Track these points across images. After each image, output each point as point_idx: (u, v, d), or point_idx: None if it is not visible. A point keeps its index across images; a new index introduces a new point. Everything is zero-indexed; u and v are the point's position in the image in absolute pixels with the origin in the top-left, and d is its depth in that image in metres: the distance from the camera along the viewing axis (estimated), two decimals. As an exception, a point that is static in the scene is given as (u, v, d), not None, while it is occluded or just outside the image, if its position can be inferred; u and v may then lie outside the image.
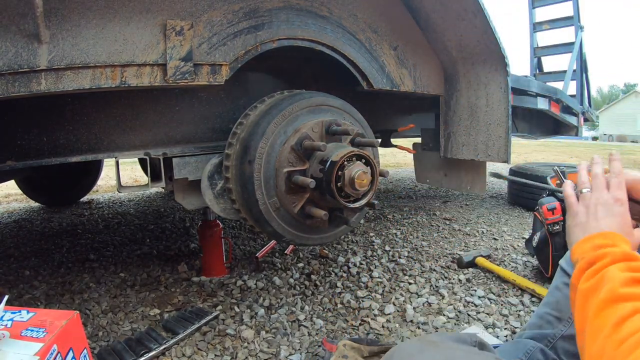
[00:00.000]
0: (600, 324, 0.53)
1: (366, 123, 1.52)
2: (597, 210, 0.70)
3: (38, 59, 0.96)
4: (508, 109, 1.74)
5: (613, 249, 0.62)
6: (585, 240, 0.67)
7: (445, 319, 1.57)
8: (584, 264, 0.62)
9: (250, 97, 1.57)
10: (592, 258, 0.62)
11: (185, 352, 1.35)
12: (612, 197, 0.70)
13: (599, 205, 0.70)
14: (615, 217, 0.68)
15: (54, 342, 0.82)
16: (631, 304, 0.52)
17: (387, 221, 3.03)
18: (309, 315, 1.60)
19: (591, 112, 4.57)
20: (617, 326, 0.51)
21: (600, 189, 0.72)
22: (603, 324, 0.53)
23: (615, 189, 0.71)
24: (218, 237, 1.95)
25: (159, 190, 4.20)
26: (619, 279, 0.56)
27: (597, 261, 0.61)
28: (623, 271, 0.57)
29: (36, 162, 1.23)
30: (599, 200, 0.70)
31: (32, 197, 3.87)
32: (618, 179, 0.72)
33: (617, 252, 0.61)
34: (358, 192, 1.22)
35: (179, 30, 1.14)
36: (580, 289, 0.60)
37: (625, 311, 0.52)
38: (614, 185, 0.72)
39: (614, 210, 0.69)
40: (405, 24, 1.73)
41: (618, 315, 0.52)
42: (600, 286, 0.57)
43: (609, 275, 0.57)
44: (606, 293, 0.55)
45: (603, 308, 0.54)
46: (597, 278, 0.58)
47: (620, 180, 0.72)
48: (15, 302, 1.69)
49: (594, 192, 0.72)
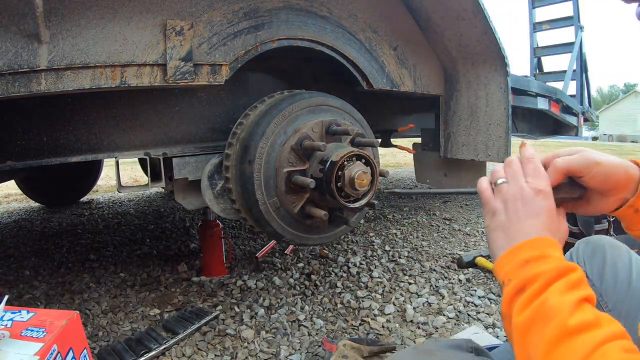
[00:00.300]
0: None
1: (366, 123, 1.52)
2: (517, 207, 0.59)
3: (38, 59, 0.96)
4: (508, 109, 1.74)
5: (544, 266, 0.51)
6: (508, 254, 0.56)
7: (445, 319, 1.57)
8: (512, 289, 0.52)
9: (250, 97, 1.57)
10: (521, 282, 0.51)
11: (185, 352, 1.35)
12: (532, 190, 0.59)
13: (519, 201, 0.59)
14: (539, 215, 0.58)
15: (54, 342, 0.82)
16: (589, 337, 0.44)
17: (387, 221, 3.03)
18: (309, 315, 1.60)
19: (591, 112, 4.57)
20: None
21: (516, 178, 0.61)
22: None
23: (533, 178, 0.60)
24: (218, 237, 1.95)
25: (159, 190, 4.20)
26: (564, 307, 0.46)
27: (528, 285, 0.50)
28: (564, 293, 0.48)
29: (36, 162, 1.23)
30: (517, 194, 0.59)
31: (32, 197, 3.87)
32: (532, 164, 0.62)
33: (549, 269, 0.51)
34: (358, 192, 1.22)
35: (179, 30, 1.14)
36: (516, 322, 0.49)
37: (586, 348, 0.43)
38: (529, 173, 0.61)
39: (536, 205, 0.58)
40: (405, 24, 1.73)
41: (579, 357, 0.43)
42: (541, 319, 0.47)
43: (551, 305, 0.47)
44: (554, 330, 0.45)
45: (555, 348, 0.45)
46: (534, 308, 0.48)
47: (534, 166, 0.61)
48: (15, 302, 1.69)
49: (511, 182, 0.62)
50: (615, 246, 0.91)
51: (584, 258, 0.95)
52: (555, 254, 0.53)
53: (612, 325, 0.46)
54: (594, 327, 0.45)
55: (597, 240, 0.94)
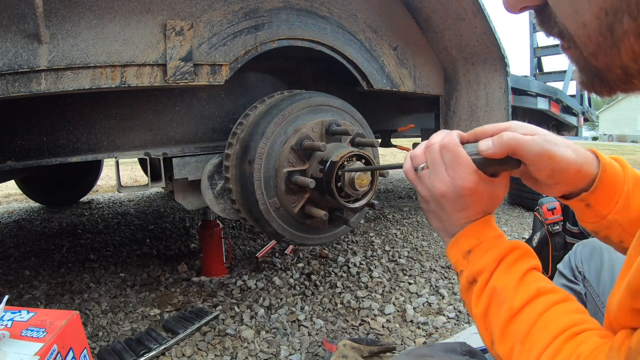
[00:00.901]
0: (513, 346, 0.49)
1: (366, 123, 1.52)
2: (443, 203, 0.57)
3: (38, 59, 0.96)
4: (508, 109, 1.74)
5: (485, 257, 0.54)
6: (451, 247, 0.59)
7: (445, 319, 1.57)
8: (465, 281, 0.56)
9: (250, 97, 1.57)
10: (470, 275, 0.55)
11: (185, 352, 1.35)
12: (455, 187, 0.55)
13: (443, 198, 0.57)
14: (466, 208, 0.57)
15: (54, 342, 0.82)
16: (531, 310, 0.49)
17: (387, 221, 3.03)
18: (309, 315, 1.60)
19: (591, 112, 4.57)
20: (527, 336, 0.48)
21: (436, 169, 0.57)
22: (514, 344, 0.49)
23: (453, 170, 0.55)
24: (218, 237, 1.95)
25: (159, 190, 4.20)
26: (509, 291, 0.51)
27: (477, 277, 0.54)
28: (505, 276, 0.52)
29: (36, 162, 1.23)
30: (440, 191, 0.56)
31: (32, 197, 3.87)
32: (449, 152, 0.55)
33: (490, 261, 0.54)
34: (358, 192, 1.22)
35: (179, 30, 1.14)
36: (476, 313, 0.54)
37: (530, 320, 0.49)
38: (448, 164, 0.56)
39: (461, 202, 0.56)
40: (405, 24, 1.73)
41: (525, 329, 0.48)
42: (494, 306, 0.52)
43: (499, 292, 0.52)
44: (505, 313, 0.50)
45: (506, 327, 0.50)
46: (486, 298, 0.53)
47: (451, 155, 0.55)
48: (15, 302, 1.69)
49: (432, 173, 0.58)
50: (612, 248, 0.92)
51: (582, 259, 0.97)
52: (489, 235, 0.56)
53: (554, 294, 0.51)
54: (535, 299, 0.50)
55: (594, 242, 0.96)
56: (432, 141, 0.58)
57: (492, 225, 0.58)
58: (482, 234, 0.57)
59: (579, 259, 0.97)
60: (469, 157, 0.55)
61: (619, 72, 0.37)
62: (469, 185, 0.55)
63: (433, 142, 0.58)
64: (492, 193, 0.57)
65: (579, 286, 0.95)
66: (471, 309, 0.56)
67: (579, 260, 0.96)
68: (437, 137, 0.58)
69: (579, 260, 0.96)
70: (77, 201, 3.95)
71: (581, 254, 0.97)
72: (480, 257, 0.55)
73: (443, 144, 0.56)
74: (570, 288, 0.95)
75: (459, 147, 0.55)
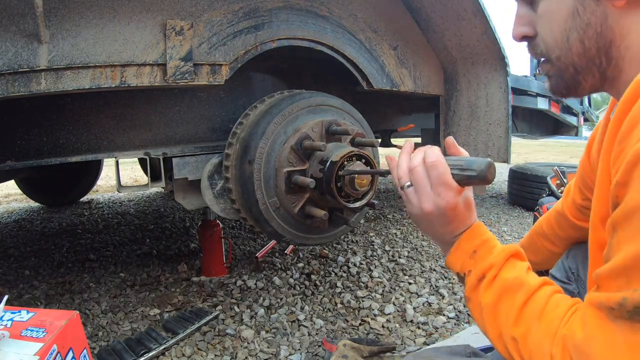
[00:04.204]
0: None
1: (366, 123, 1.52)
2: (430, 220, 0.63)
3: (38, 59, 0.96)
4: (508, 109, 1.74)
5: (491, 254, 0.61)
6: (454, 254, 0.64)
7: (445, 319, 1.57)
8: (474, 278, 0.61)
9: (250, 97, 1.57)
10: (480, 272, 0.60)
11: (185, 352, 1.35)
12: (441, 207, 0.61)
13: (431, 216, 0.62)
14: (453, 221, 0.63)
15: (54, 342, 0.82)
16: (544, 292, 0.57)
17: (387, 221, 3.03)
18: (309, 315, 1.60)
19: (591, 112, 4.56)
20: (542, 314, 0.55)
21: (422, 189, 0.62)
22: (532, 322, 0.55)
23: (438, 188, 0.61)
24: (218, 237, 1.95)
25: (159, 190, 4.20)
26: (521, 279, 0.58)
27: (486, 273, 0.60)
28: (513, 270, 0.59)
29: (36, 162, 1.23)
30: (427, 211, 0.62)
31: (32, 197, 3.87)
32: (436, 170, 0.61)
33: (499, 259, 0.60)
34: (358, 192, 1.22)
35: (179, 30, 1.14)
36: (486, 302, 0.59)
37: (543, 300, 0.56)
38: (434, 182, 0.61)
39: (448, 216, 0.62)
40: (405, 24, 1.73)
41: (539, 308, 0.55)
42: (507, 292, 0.58)
43: (510, 281, 0.58)
44: (522, 295, 0.57)
45: (523, 309, 0.56)
46: (498, 287, 0.59)
47: (438, 173, 0.60)
48: (15, 302, 1.69)
49: (418, 192, 0.63)
50: None
51: (576, 261, 0.99)
52: (489, 235, 0.63)
53: (554, 285, 0.59)
54: (543, 285, 0.58)
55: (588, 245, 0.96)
56: (415, 163, 0.63)
57: (485, 228, 0.65)
58: (483, 234, 0.63)
59: (572, 261, 0.98)
60: (451, 178, 0.61)
61: (571, 70, 0.60)
62: (453, 202, 0.61)
63: (416, 165, 0.63)
64: (466, 201, 0.63)
65: (572, 286, 0.97)
66: (475, 301, 0.61)
67: (573, 262, 0.98)
68: (418, 157, 0.64)
69: (573, 263, 0.98)
70: (77, 201, 3.95)
71: (575, 257, 0.98)
72: (488, 254, 0.61)
73: (432, 163, 0.61)
74: (563, 289, 0.96)
75: (446, 165, 0.61)
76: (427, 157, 0.62)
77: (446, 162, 0.62)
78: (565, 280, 0.98)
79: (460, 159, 0.62)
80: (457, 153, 0.67)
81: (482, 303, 0.60)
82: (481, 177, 0.59)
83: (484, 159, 0.60)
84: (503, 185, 4.60)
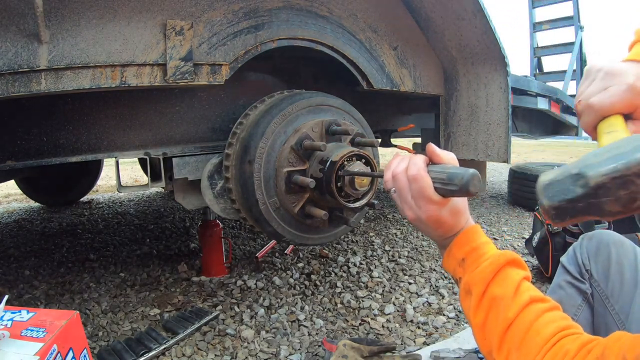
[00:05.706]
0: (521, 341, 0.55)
1: (366, 123, 1.52)
2: (419, 225, 0.65)
3: (38, 59, 0.96)
4: (508, 109, 1.74)
5: (478, 269, 0.60)
6: (446, 259, 0.66)
7: (445, 319, 1.57)
8: (463, 290, 0.62)
9: (250, 97, 1.57)
10: (467, 285, 0.61)
11: (185, 352, 1.35)
12: (420, 219, 0.63)
13: (417, 221, 0.64)
14: (440, 227, 0.63)
15: (54, 342, 0.82)
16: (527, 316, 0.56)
17: (387, 221, 3.03)
18: (309, 315, 1.60)
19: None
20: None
21: (405, 197, 0.63)
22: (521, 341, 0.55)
23: (419, 200, 0.61)
24: (218, 237, 1.95)
25: (159, 190, 4.20)
26: (507, 301, 0.57)
27: (472, 289, 0.60)
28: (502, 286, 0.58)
29: (36, 162, 1.23)
30: (412, 217, 0.64)
31: (32, 197, 3.87)
32: (416, 183, 0.61)
33: (486, 274, 0.59)
34: (358, 192, 1.22)
35: (179, 30, 1.14)
36: (475, 323, 0.60)
37: (525, 325, 0.55)
38: (415, 195, 0.62)
39: (432, 223, 0.63)
40: (405, 24, 1.73)
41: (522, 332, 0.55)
42: (493, 314, 0.58)
43: (497, 301, 0.58)
44: (503, 322, 0.57)
45: (505, 333, 0.56)
46: (485, 307, 0.59)
47: (419, 186, 0.61)
48: (15, 302, 1.69)
49: (400, 201, 0.65)
50: (619, 243, 0.90)
51: (588, 255, 0.92)
52: (478, 242, 0.62)
53: (543, 302, 0.57)
54: (527, 306, 0.56)
55: (600, 236, 0.93)
56: (397, 170, 0.64)
57: (479, 233, 0.64)
58: (473, 241, 0.63)
59: (585, 255, 0.93)
60: (433, 190, 0.60)
61: None
62: (436, 213, 0.61)
63: (398, 172, 0.64)
64: (452, 210, 0.63)
65: (585, 285, 0.92)
66: (470, 319, 0.61)
67: (585, 256, 0.93)
68: (402, 165, 0.64)
69: (585, 257, 0.93)
70: (77, 201, 3.95)
71: (587, 249, 0.93)
72: (474, 265, 0.61)
73: (412, 176, 0.61)
74: (575, 287, 0.92)
75: (427, 179, 0.61)
76: (408, 170, 0.62)
77: (429, 173, 0.61)
78: (579, 277, 0.93)
79: (443, 170, 0.61)
80: (440, 161, 0.65)
81: (471, 322, 0.61)
82: (463, 191, 0.58)
83: (467, 170, 0.58)
84: (503, 185, 4.60)
